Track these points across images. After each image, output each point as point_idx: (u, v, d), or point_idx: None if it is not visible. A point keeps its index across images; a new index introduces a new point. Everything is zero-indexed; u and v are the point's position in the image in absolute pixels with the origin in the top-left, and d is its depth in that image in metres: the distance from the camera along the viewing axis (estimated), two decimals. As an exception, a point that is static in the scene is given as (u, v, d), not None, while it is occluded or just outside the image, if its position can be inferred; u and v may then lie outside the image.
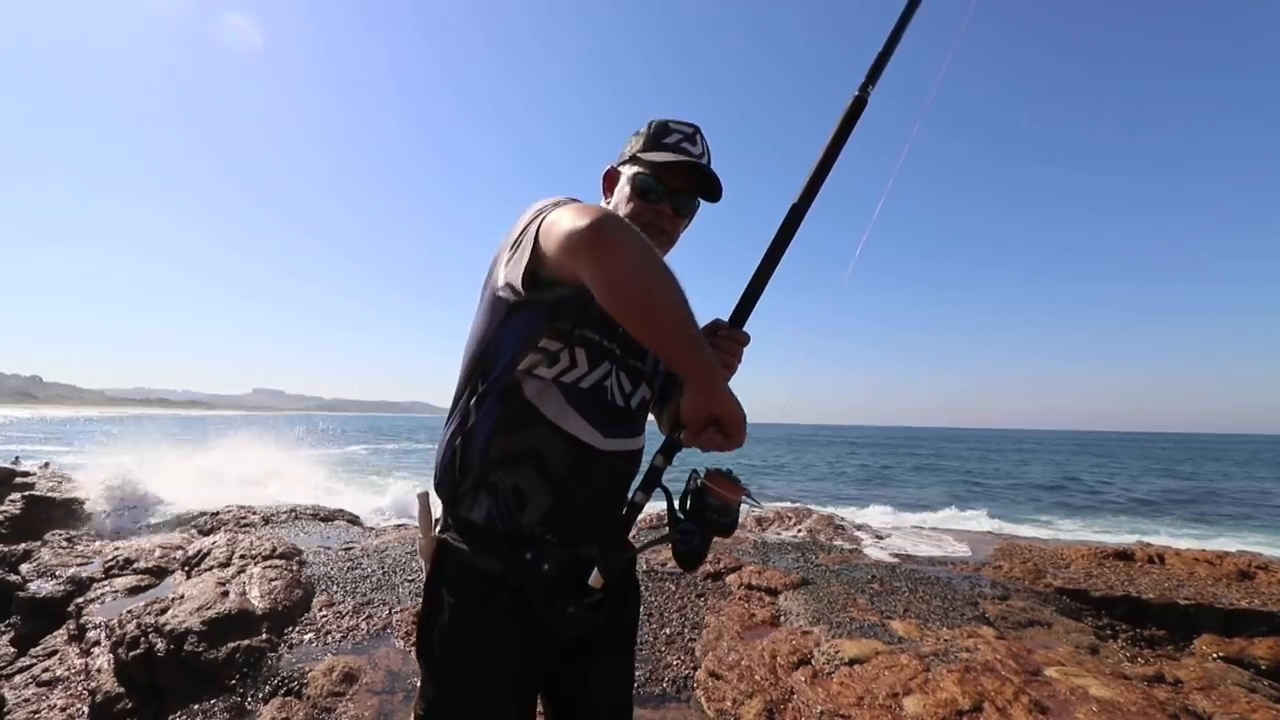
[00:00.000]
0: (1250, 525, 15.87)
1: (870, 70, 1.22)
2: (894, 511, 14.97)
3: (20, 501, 7.64)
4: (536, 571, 1.15)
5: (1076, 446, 75.45)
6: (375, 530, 6.20)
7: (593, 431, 1.19)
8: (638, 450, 1.31)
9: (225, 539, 4.79)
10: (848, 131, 1.21)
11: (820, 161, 1.20)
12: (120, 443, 18.78)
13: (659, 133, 1.27)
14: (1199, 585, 4.39)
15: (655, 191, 1.25)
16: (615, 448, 1.23)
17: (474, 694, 1.16)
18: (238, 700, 2.81)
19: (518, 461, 1.16)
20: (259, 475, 13.14)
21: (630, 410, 1.27)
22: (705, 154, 1.28)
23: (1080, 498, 21.76)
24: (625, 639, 1.38)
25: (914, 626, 3.33)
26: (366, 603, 3.67)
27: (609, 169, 1.33)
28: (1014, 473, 32.63)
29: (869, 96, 1.20)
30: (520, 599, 1.15)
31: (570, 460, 1.18)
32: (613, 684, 1.34)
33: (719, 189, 1.27)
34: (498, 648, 1.17)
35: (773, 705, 2.64)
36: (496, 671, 1.17)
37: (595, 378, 1.20)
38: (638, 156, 1.27)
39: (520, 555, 1.15)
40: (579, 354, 1.17)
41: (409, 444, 48.29)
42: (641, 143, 1.28)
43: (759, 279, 1.23)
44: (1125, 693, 2.41)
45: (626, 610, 1.38)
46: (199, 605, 3.32)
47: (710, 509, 1.13)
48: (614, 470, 1.24)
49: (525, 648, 1.18)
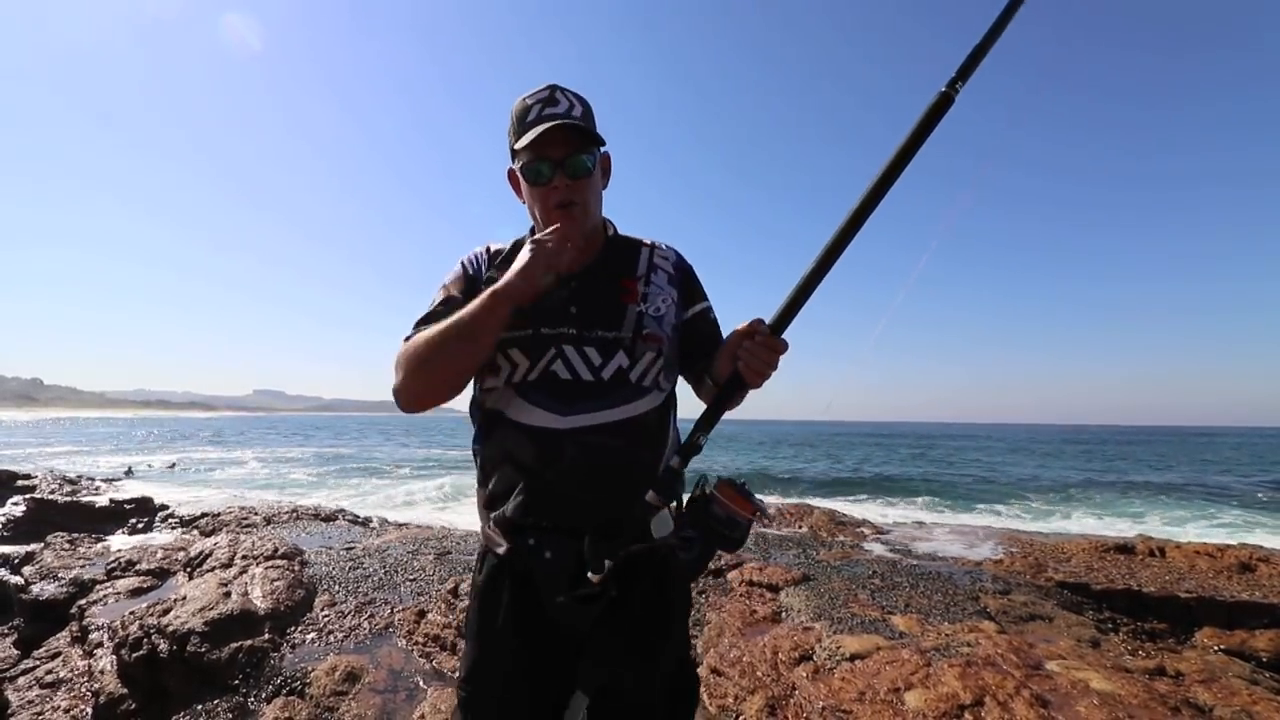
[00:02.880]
0: (1251, 517, 15.88)
1: (962, 66, 1.09)
2: (894, 507, 14.99)
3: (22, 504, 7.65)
4: (538, 557, 1.22)
5: (1077, 440, 75.48)
6: (376, 530, 6.21)
7: (546, 415, 1.23)
8: (621, 421, 1.25)
9: (227, 540, 4.80)
10: (927, 132, 1.09)
11: (892, 163, 1.09)
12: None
13: (521, 115, 1.28)
14: (1200, 578, 4.39)
15: (542, 173, 1.27)
16: (581, 423, 1.23)
17: (481, 661, 1.29)
18: (240, 700, 2.82)
19: (498, 461, 1.29)
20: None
21: (602, 382, 1.25)
22: (572, 105, 1.28)
23: (1079, 491, 21.78)
24: (637, 644, 1.27)
25: (915, 622, 3.33)
26: (368, 602, 3.68)
27: (509, 171, 1.36)
28: (1014, 467, 32.65)
29: (957, 95, 1.08)
30: (525, 583, 1.24)
31: (533, 448, 1.23)
32: (609, 690, 1.25)
33: (591, 131, 1.28)
34: (499, 622, 1.27)
35: (774, 701, 2.64)
36: (500, 643, 1.27)
37: (541, 366, 1.25)
38: (515, 149, 1.28)
39: (524, 541, 1.23)
40: (514, 354, 1.26)
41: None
42: (512, 132, 1.29)
43: (806, 286, 1.15)
44: (1126, 686, 2.42)
45: (639, 611, 1.26)
46: (201, 606, 3.33)
47: (715, 520, 1.10)
48: (587, 445, 1.22)
49: (524, 629, 1.25)
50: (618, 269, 1.38)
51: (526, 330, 1.25)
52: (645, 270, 1.39)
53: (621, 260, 1.39)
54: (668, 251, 1.45)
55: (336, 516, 7.10)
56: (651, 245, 1.45)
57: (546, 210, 1.29)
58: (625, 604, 1.23)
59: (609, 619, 1.23)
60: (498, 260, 1.38)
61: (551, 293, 1.27)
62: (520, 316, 1.23)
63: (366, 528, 6.40)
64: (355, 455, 34.08)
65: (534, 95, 1.27)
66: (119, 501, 8.81)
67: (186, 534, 6.92)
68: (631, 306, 1.32)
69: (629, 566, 1.17)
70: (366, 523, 7.01)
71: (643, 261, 1.41)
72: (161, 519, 8.24)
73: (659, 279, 1.39)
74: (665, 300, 1.36)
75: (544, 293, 1.24)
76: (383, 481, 20.83)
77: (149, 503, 9.01)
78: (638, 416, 1.28)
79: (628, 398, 1.27)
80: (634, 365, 1.28)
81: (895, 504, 17.06)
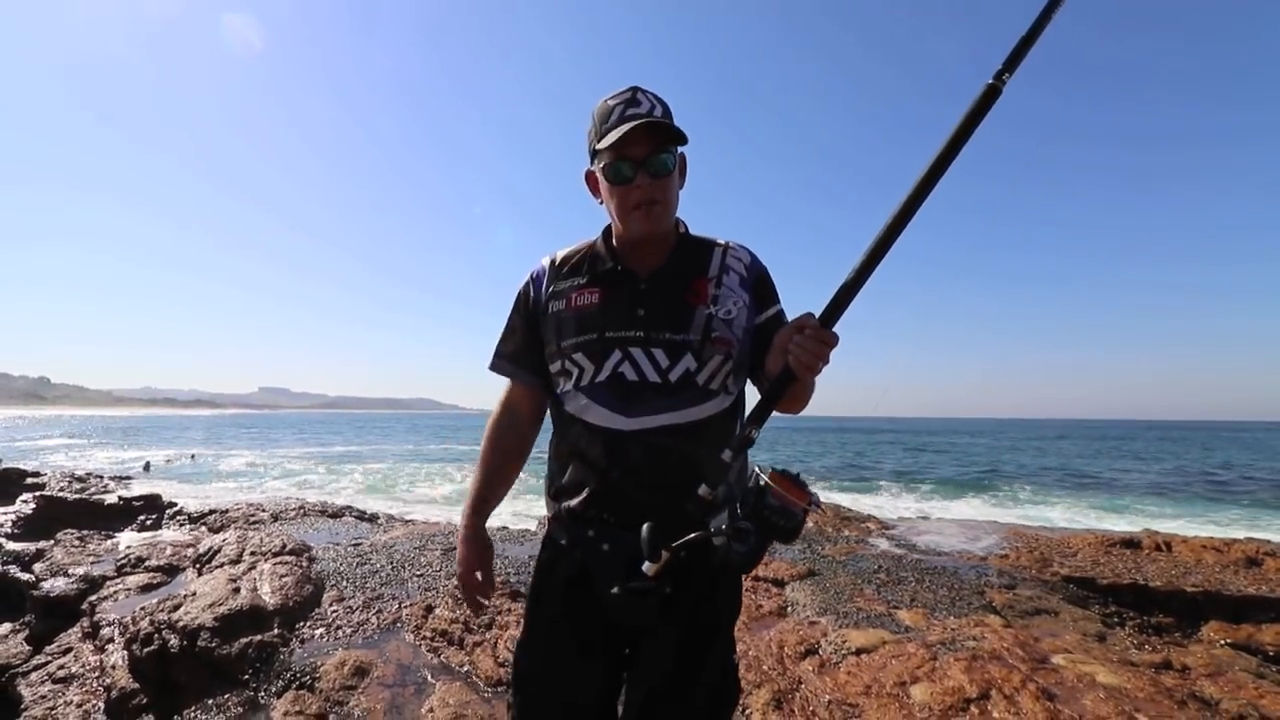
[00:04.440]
0: (1261, 511, 15.81)
1: (1009, 57, 1.05)
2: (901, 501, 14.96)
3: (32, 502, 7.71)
4: (595, 548, 1.27)
5: (1084, 435, 75.15)
6: (383, 526, 6.24)
7: (613, 415, 1.28)
8: (686, 424, 1.27)
9: (235, 536, 4.83)
10: (975, 124, 1.06)
11: (939, 157, 1.06)
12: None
13: (603, 116, 1.28)
14: (1206, 572, 4.38)
15: (623, 172, 1.27)
16: (646, 425, 1.26)
17: (534, 644, 1.38)
18: (251, 694, 2.84)
19: (568, 459, 1.35)
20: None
21: (668, 384, 1.27)
22: (653, 105, 1.28)
23: (1087, 485, 21.70)
24: (685, 647, 1.28)
25: (921, 616, 3.34)
26: (376, 598, 3.70)
27: (587, 173, 1.38)
28: (1020, 461, 32.55)
29: (1004, 86, 1.04)
30: (583, 571, 1.30)
31: (600, 447, 1.28)
32: (655, 691, 1.28)
33: (674, 129, 1.26)
34: (555, 609, 1.35)
35: (781, 695, 2.65)
36: (553, 630, 1.35)
37: (608, 369, 1.29)
38: (596, 150, 1.29)
39: (583, 532, 1.29)
40: (579, 359, 1.32)
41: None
42: (594, 133, 1.29)
43: (856, 279, 1.11)
44: (1133, 679, 2.42)
45: (693, 611, 1.28)
46: (211, 602, 3.36)
47: (770, 510, 1.08)
48: (651, 447, 1.26)
49: (579, 616, 1.31)
50: (688, 270, 1.36)
51: (592, 335, 1.31)
52: (717, 272, 1.36)
53: (693, 261, 1.37)
54: (741, 253, 1.42)
55: (343, 513, 7.13)
56: (725, 246, 1.42)
57: (625, 210, 1.29)
58: (677, 604, 1.21)
59: (660, 622, 1.22)
60: (564, 270, 1.41)
61: (619, 295, 1.33)
62: (587, 321, 1.32)
63: (374, 524, 6.43)
64: (361, 452, 34.22)
65: (616, 96, 1.27)
66: (128, 499, 8.86)
67: (195, 531, 6.96)
68: (700, 308, 1.30)
69: (684, 564, 1.14)
70: (374, 519, 7.04)
71: (715, 263, 1.38)
72: (170, 516, 8.28)
73: (731, 281, 1.36)
74: (737, 303, 1.34)
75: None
76: (389, 478, 20.92)
77: (158, 500, 9.06)
78: (704, 419, 1.28)
79: (694, 400, 1.28)
80: (701, 368, 1.28)
81: (901, 498, 17.05)
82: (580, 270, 1.38)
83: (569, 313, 1.34)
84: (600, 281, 1.35)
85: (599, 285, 1.35)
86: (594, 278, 1.36)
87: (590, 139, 1.31)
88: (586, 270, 1.38)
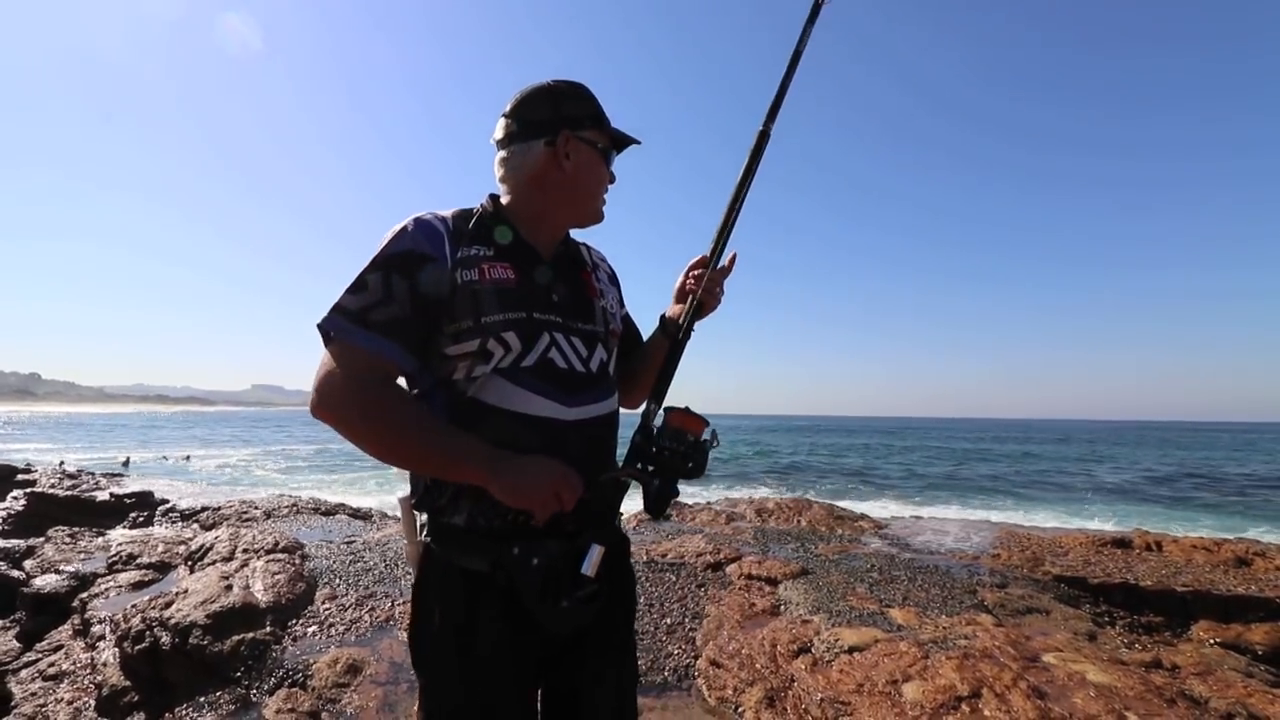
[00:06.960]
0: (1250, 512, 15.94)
1: (769, 111, 1.30)
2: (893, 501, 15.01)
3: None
4: (526, 566, 1.06)
5: (1075, 434, 75.56)
6: (376, 524, 6.22)
7: (551, 404, 1.15)
8: (610, 414, 1.26)
9: (228, 533, 4.81)
10: (757, 160, 1.29)
11: (736, 190, 1.29)
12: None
13: (589, 98, 1.26)
14: (1196, 572, 4.41)
15: (610, 163, 1.31)
16: (583, 415, 1.19)
17: (473, 699, 1.12)
18: (243, 692, 2.84)
19: None
20: None
21: (591, 374, 1.22)
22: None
23: (1080, 485, 21.82)
24: (621, 634, 1.32)
25: (913, 614, 3.35)
26: (369, 595, 3.70)
27: (564, 135, 1.21)
28: (1012, 462, 32.70)
29: (770, 131, 1.30)
30: (510, 598, 1.09)
31: (538, 440, 1.12)
32: (611, 684, 1.26)
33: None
34: (490, 650, 1.12)
35: (773, 693, 2.66)
36: (492, 674, 1.12)
37: (536, 353, 1.15)
38: (587, 121, 1.24)
39: (507, 551, 1.08)
40: (508, 338, 1.13)
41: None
42: (587, 108, 1.25)
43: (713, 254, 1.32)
44: (1123, 678, 2.43)
45: (620, 603, 1.31)
46: (203, 599, 3.34)
47: (668, 436, 1.12)
48: (588, 439, 1.19)
49: (518, 648, 1.14)
50: (578, 259, 1.35)
51: (521, 314, 1.15)
52: (591, 266, 1.37)
53: (575, 252, 1.36)
54: (595, 250, 1.44)
55: (337, 510, 7.11)
56: (584, 242, 1.42)
57: (598, 193, 1.29)
58: (614, 598, 1.23)
59: (601, 616, 1.15)
60: (463, 236, 1.18)
61: (534, 276, 1.21)
62: (509, 298, 1.15)
63: (367, 521, 6.41)
64: (354, 450, 34.07)
65: (586, 88, 1.26)
66: (119, 496, 8.81)
67: (187, 528, 6.93)
68: (596, 300, 1.30)
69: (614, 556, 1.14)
70: (367, 516, 7.01)
71: (587, 256, 1.39)
72: (162, 513, 8.23)
73: (602, 275, 1.39)
74: (612, 298, 1.38)
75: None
76: (382, 475, 20.85)
77: (149, 497, 9.01)
78: (616, 411, 1.30)
79: (610, 391, 1.28)
80: (609, 359, 1.30)
81: (894, 498, 17.11)
82: (480, 239, 1.18)
83: (485, 284, 1.14)
84: (507, 256, 1.19)
85: (508, 260, 1.18)
86: (499, 251, 1.18)
87: (579, 104, 1.24)
88: (485, 240, 1.19)
